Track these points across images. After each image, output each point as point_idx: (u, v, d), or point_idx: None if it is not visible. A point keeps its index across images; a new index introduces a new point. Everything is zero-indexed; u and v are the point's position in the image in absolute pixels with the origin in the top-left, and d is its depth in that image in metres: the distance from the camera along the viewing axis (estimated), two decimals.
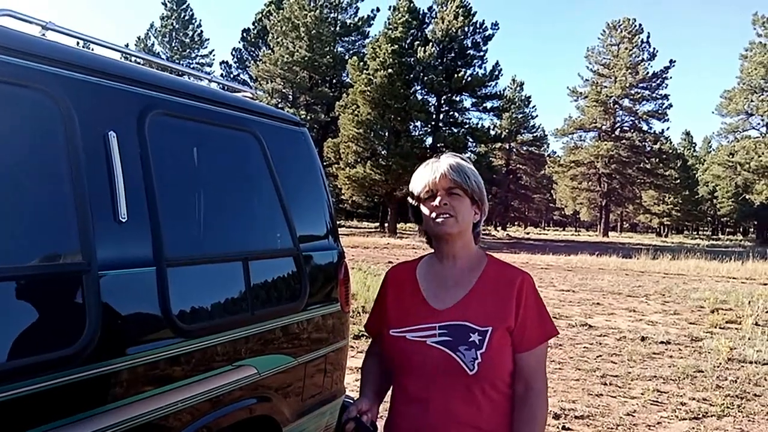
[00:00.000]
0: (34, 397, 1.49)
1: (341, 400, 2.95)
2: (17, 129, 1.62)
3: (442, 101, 40.03)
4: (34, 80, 1.65)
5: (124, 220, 1.78)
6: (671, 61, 54.46)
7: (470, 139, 40.29)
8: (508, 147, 64.22)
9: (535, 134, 66.92)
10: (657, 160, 54.94)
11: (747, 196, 57.00)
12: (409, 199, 1.73)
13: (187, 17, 60.71)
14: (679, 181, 62.24)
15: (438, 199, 1.61)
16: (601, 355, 6.89)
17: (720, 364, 6.61)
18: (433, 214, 1.61)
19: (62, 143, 1.68)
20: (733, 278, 16.95)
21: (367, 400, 1.66)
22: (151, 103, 2.01)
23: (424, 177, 1.65)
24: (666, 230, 76.56)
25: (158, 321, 1.86)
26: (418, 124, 40.64)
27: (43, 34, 1.92)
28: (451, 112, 40.85)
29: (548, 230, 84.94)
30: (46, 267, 1.62)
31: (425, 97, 39.56)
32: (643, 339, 7.84)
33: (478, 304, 1.59)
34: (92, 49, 2.23)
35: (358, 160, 37.61)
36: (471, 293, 1.61)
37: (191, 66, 59.50)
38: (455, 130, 40.00)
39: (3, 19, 1.76)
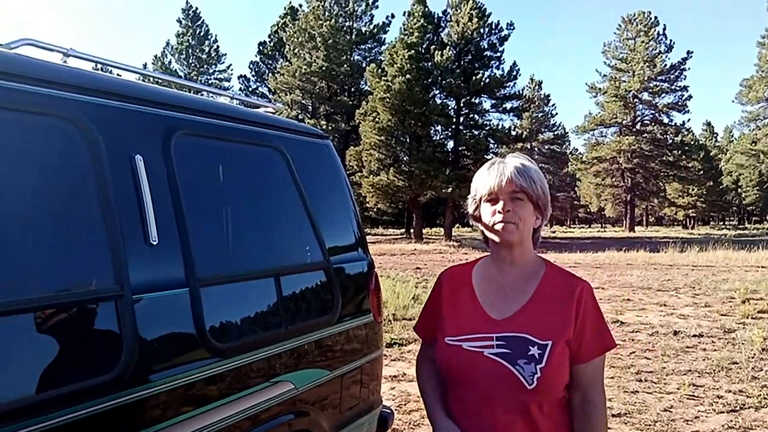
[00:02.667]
0: (75, 425, 1.48)
1: (378, 410, 2.93)
2: (45, 158, 1.62)
3: (462, 104, 39.89)
4: (58, 108, 1.66)
5: (155, 243, 1.78)
6: (689, 53, 53.87)
7: (491, 141, 40.08)
8: (529, 146, 63.85)
9: (556, 132, 66.53)
10: (679, 152, 54.23)
11: None
12: (469, 199, 1.66)
13: (202, 33, 61.04)
14: (702, 172, 61.23)
15: (501, 204, 1.54)
16: (634, 352, 6.83)
17: (754, 355, 6.52)
18: (495, 219, 1.55)
19: (90, 169, 1.68)
20: (763, 267, 16.67)
21: (449, 427, 1.58)
22: (175, 124, 2.01)
23: (488, 179, 1.58)
24: (692, 222, 75.26)
25: (194, 342, 1.85)
26: (439, 128, 40.46)
27: (65, 61, 1.94)
28: (471, 115, 40.67)
29: (574, 228, 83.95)
30: (81, 294, 1.61)
31: (444, 100, 39.41)
32: (675, 333, 7.78)
33: (538, 315, 1.53)
34: (117, 74, 2.28)
35: (381, 167, 37.60)
36: (530, 303, 1.56)
37: (209, 82, 60.04)
38: (476, 133, 39.81)
39: (25, 48, 1.78)
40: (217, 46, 62.23)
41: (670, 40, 54.61)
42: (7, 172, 1.52)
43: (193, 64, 60.55)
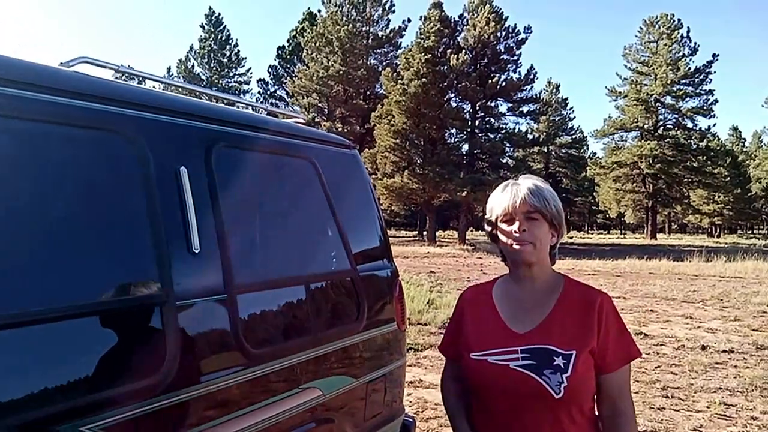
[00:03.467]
0: (118, 427, 1.56)
1: (401, 419, 2.96)
2: (99, 170, 1.71)
3: (477, 107, 39.69)
4: (112, 123, 1.74)
5: (197, 252, 1.85)
6: (714, 55, 52.65)
7: (507, 144, 39.84)
8: (546, 150, 63.22)
9: (573, 136, 65.68)
10: (704, 157, 53.02)
11: None
12: (486, 220, 1.72)
13: (224, 38, 62.08)
14: (729, 178, 59.93)
15: (517, 224, 1.61)
16: (659, 366, 6.56)
17: None
18: (512, 240, 1.61)
19: (139, 181, 1.76)
20: None
21: None
22: (216, 137, 2.09)
23: (502, 201, 1.65)
24: (718, 230, 73.75)
25: (230, 348, 1.92)
26: (454, 131, 40.49)
27: (116, 77, 2.03)
28: (487, 118, 40.48)
29: (592, 234, 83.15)
30: (129, 300, 1.69)
31: (460, 104, 39.36)
32: (703, 348, 7.43)
33: (560, 327, 1.58)
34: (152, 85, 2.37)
35: (396, 169, 37.60)
36: (551, 316, 1.61)
37: (230, 85, 60.89)
38: (491, 136, 39.63)
39: (81, 66, 1.87)
40: (238, 50, 63.26)
41: (695, 43, 53.41)
42: (64, 184, 1.61)
43: (214, 68, 61.74)
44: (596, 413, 1.63)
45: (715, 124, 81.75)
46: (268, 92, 58.46)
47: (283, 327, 2.19)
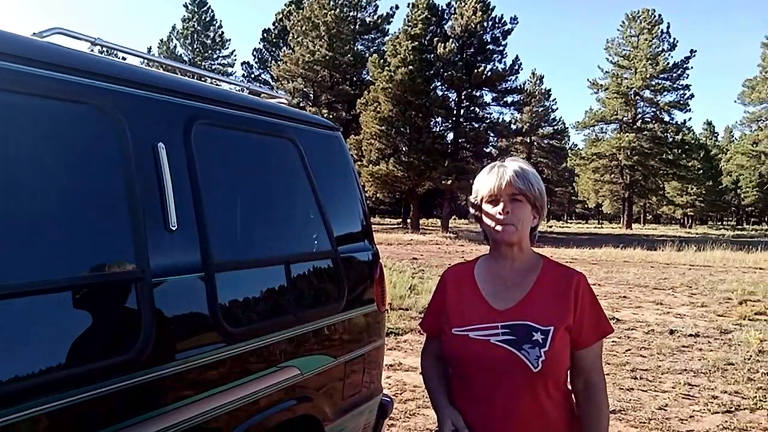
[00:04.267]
0: (93, 402, 1.54)
1: (379, 398, 3.00)
2: (75, 143, 1.67)
3: (463, 96, 39.91)
4: (89, 96, 1.70)
5: (174, 229, 1.83)
6: (692, 51, 53.64)
7: (491, 134, 40.24)
8: (529, 141, 63.74)
9: (555, 127, 66.33)
10: (679, 150, 54.17)
11: None
12: (471, 200, 1.77)
13: (207, 19, 61.10)
14: (702, 171, 61.32)
15: (501, 206, 1.65)
16: (630, 349, 6.89)
17: (750, 356, 6.57)
18: (496, 221, 1.66)
19: (116, 156, 1.73)
20: (761, 269, 16.75)
21: (455, 415, 1.68)
22: (196, 114, 2.06)
23: (488, 182, 1.69)
24: (690, 221, 75.49)
25: (208, 326, 1.90)
26: (439, 120, 40.58)
27: (92, 50, 1.98)
28: (472, 108, 40.72)
29: (571, 223, 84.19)
30: (104, 276, 1.67)
31: (445, 92, 39.48)
32: (671, 332, 7.83)
33: (539, 304, 1.64)
34: (122, 57, 2.29)
35: (381, 156, 37.64)
36: (530, 294, 1.67)
37: (213, 67, 59.94)
38: (476, 125, 39.91)
39: (55, 37, 1.82)
40: (222, 32, 62.44)
41: (674, 39, 54.39)
42: (38, 157, 1.57)
43: (197, 50, 60.72)
44: (569, 387, 1.71)
45: (690, 119, 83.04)
46: (252, 76, 57.71)
47: (262, 306, 2.17)
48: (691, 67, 53.56)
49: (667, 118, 55.20)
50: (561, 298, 1.65)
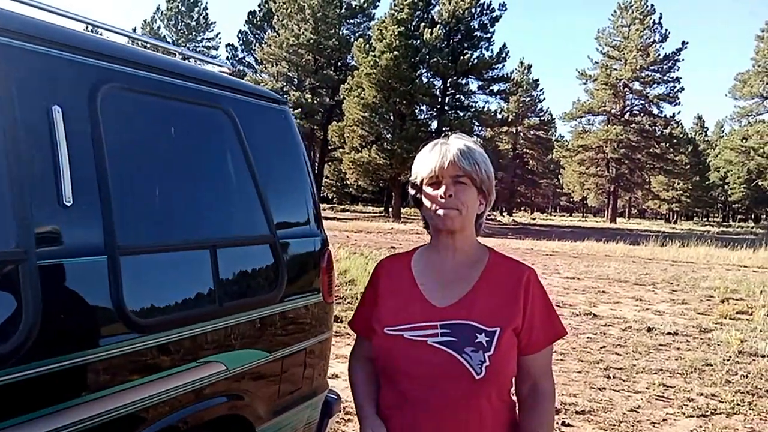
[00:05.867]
0: None
1: (323, 396, 2.81)
2: None
3: (448, 84, 39.63)
4: None
5: (69, 204, 1.62)
6: (683, 43, 53.73)
7: (476, 123, 39.96)
8: (515, 131, 63.65)
9: (542, 118, 66.24)
10: (667, 144, 54.28)
11: (760, 182, 56.55)
12: (411, 181, 1.57)
13: (192, 0, 60.29)
14: (689, 166, 61.54)
15: (443, 189, 1.47)
16: (605, 346, 6.67)
17: (730, 357, 6.36)
18: (437, 205, 1.48)
19: None
20: (744, 267, 16.63)
21: (378, 426, 1.51)
22: (104, 76, 1.84)
23: (429, 161, 1.50)
24: (675, 216, 75.98)
25: (110, 315, 1.71)
26: (424, 107, 40.35)
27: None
28: (457, 96, 40.49)
29: (555, 216, 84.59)
30: None
31: (431, 80, 39.18)
32: (649, 330, 7.61)
33: (484, 301, 1.47)
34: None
35: (363, 144, 37.41)
36: (474, 290, 1.49)
37: (197, 49, 59.45)
38: (461, 114, 39.66)
39: None
40: (207, 14, 61.84)
41: (666, 30, 54.27)
42: None
43: (181, 31, 60.37)
44: (512, 396, 1.54)
45: (680, 112, 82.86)
46: (237, 58, 57.32)
47: (179, 295, 1.97)
48: (683, 60, 53.57)
49: (656, 111, 55.28)
50: (509, 297, 1.47)
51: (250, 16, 58.05)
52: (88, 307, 1.68)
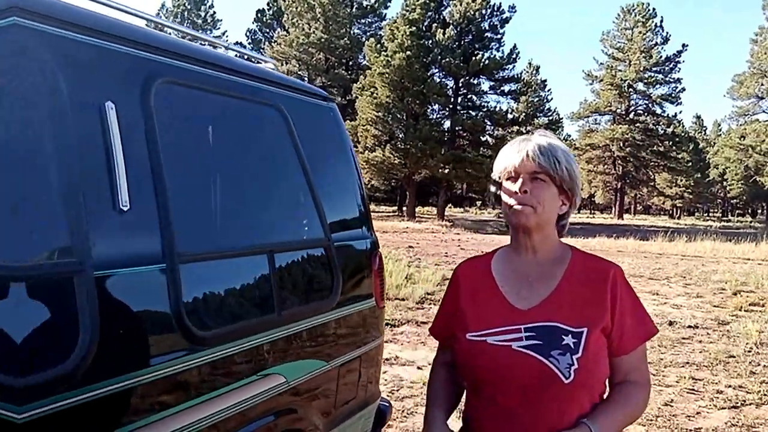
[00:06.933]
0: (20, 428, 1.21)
1: (376, 404, 2.69)
2: None
3: (460, 84, 39.54)
4: (14, 41, 1.36)
5: (125, 209, 1.47)
6: (684, 45, 54.19)
7: (488, 123, 39.91)
8: (524, 131, 63.57)
9: (550, 118, 66.03)
10: (670, 143, 54.71)
11: (757, 179, 56.94)
12: (492, 177, 1.49)
13: None
14: (691, 164, 62.21)
15: (518, 184, 1.39)
16: None
17: (751, 349, 6.44)
18: (511, 201, 1.41)
19: (46, 115, 1.37)
20: (749, 259, 16.72)
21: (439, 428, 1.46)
22: (158, 70, 1.69)
23: (507, 157, 1.44)
24: (678, 212, 76.48)
25: (170, 329, 1.55)
26: (436, 107, 40.25)
27: None
28: (469, 95, 40.40)
29: None
30: (27, 269, 1.27)
31: (443, 80, 39.04)
32: (671, 323, 7.68)
33: (568, 301, 1.39)
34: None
35: (377, 143, 37.30)
36: (558, 290, 1.41)
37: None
38: (473, 114, 39.60)
39: None
40: (214, 12, 61.51)
41: (667, 32, 55.02)
42: None
43: (188, 29, 59.88)
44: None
45: (681, 111, 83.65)
46: (245, 57, 57.33)
47: (238, 304, 1.82)
48: (683, 61, 54.18)
49: (659, 111, 55.62)
50: (595, 295, 1.39)
51: (259, 15, 57.93)
52: (147, 321, 1.54)
